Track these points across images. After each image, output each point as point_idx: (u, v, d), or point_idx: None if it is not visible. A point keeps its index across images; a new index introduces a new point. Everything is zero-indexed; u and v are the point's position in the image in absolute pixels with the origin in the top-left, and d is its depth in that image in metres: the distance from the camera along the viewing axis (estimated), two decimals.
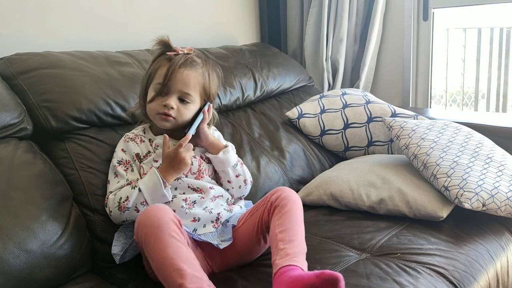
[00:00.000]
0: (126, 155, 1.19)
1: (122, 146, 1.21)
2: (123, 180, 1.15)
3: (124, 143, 1.21)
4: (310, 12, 2.15)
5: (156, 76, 1.19)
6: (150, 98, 1.19)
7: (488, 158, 1.38)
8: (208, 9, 2.01)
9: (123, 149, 1.20)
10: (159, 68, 1.19)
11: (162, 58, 1.20)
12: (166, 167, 1.12)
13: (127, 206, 1.10)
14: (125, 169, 1.17)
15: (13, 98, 1.23)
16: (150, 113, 1.20)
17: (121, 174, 1.16)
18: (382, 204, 1.37)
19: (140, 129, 1.26)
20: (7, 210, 1.04)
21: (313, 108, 1.83)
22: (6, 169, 1.10)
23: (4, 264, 0.98)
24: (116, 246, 1.12)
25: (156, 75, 1.19)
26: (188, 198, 1.16)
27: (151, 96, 1.19)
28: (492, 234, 1.29)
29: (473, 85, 2.73)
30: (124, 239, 1.14)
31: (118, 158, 1.19)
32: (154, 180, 1.10)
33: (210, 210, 1.17)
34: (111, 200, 1.13)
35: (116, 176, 1.17)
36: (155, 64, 1.21)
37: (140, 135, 1.23)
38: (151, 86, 1.20)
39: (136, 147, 1.20)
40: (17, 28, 1.46)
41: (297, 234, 1.05)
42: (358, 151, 1.77)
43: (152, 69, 1.21)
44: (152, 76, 1.20)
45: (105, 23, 1.68)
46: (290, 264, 0.96)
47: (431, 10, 2.08)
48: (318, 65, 2.20)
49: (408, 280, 1.04)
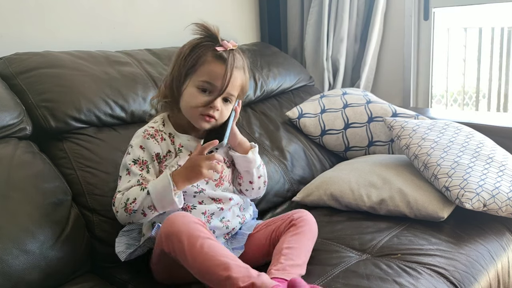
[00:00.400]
0: (144, 154, 1.09)
1: (140, 142, 1.10)
2: (134, 179, 1.06)
3: (143, 139, 1.10)
4: (310, 11, 2.15)
5: (200, 73, 1.07)
6: (192, 96, 1.08)
7: (489, 158, 1.38)
8: (208, 9, 2.00)
9: (142, 146, 1.09)
10: (204, 64, 1.07)
11: (209, 53, 1.07)
12: (180, 171, 1.04)
13: (133, 208, 1.03)
14: (141, 169, 1.08)
15: (13, 98, 1.23)
16: (188, 111, 1.10)
17: (134, 173, 1.07)
18: (383, 205, 1.36)
19: (159, 121, 1.14)
20: (6, 210, 1.04)
21: (314, 108, 1.83)
22: (5, 169, 1.10)
23: (3, 265, 0.98)
24: (120, 245, 1.11)
25: (201, 71, 1.07)
26: (207, 211, 1.11)
27: (192, 93, 1.08)
28: (493, 234, 1.29)
29: (474, 85, 2.72)
30: (127, 239, 1.13)
31: (134, 156, 1.08)
32: (165, 183, 1.01)
33: (227, 222, 1.14)
34: (118, 200, 1.06)
35: (128, 174, 1.08)
36: (198, 56, 1.07)
37: (161, 131, 1.12)
38: (192, 80, 1.08)
39: (156, 146, 1.10)
40: (17, 28, 1.46)
41: (300, 256, 1.07)
42: (359, 151, 1.76)
43: (194, 61, 1.07)
44: (195, 70, 1.07)
45: (105, 23, 1.67)
46: (284, 278, 0.98)
47: (431, 9, 2.08)
48: (318, 65, 2.19)
49: (409, 281, 1.04)
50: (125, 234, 1.15)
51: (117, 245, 1.12)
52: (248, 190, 1.22)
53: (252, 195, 1.24)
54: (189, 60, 1.07)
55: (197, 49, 1.08)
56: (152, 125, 1.13)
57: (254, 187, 1.21)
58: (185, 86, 1.09)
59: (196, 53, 1.07)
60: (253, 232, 1.17)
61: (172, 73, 1.10)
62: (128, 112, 1.38)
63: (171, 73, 1.11)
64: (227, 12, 2.11)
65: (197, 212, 1.10)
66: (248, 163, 1.18)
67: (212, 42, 1.08)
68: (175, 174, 1.03)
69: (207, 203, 1.12)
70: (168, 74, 1.13)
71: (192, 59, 1.07)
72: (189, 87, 1.08)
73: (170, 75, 1.11)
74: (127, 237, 1.14)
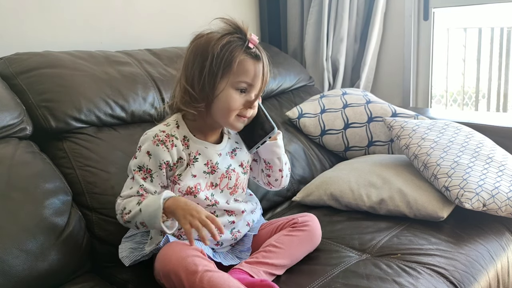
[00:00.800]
0: (150, 162, 1.02)
1: (148, 148, 1.03)
2: (135, 188, 1.02)
3: (152, 145, 1.02)
4: (310, 11, 2.15)
5: (237, 72, 1.01)
6: (231, 98, 1.02)
7: (488, 158, 1.38)
8: (208, 9, 2.00)
9: (149, 152, 1.02)
10: (241, 63, 1.01)
11: (241, 50, 1.01)
12: (176, 205, 0.95)
13: (127, 220, 1.00)
14: (143, 177, 1.02)
15: (13, 98, 1.23)
16: (225, 113, 1.04)
17: (136, 181, 1.02)
18: (383, 205, 1.36)
19: (172, 123, 1.07)
20: (6, 210, 1.04)
21: (314, 108, 1.83)
22: (6, 169, 1.10)
23: (3, 264, 0.98)
24: (123, 250, 1.11)
25: (238, 70, 1.01)
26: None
27: (231, 95, 1.02)
28: (493, 234, 1.29)
29: (473, 85, 2.73)
30: (130, 244, 1.13)
31: (139, 162, 1.03)
32: (156, 208, 0.95)
33: (237, 234, 1.13)
34: (117, 205, 1.04)
35: (132, 179, 1.04)
36: (232, 55, 1.00)
37: (172, 136, 1.04)
38: (229, 81, 1.01)
39: (166, 154, 1.03)
40: (17, 28, 1.46)
41: (281, 258, 1.08)
42: (359, 151, 1.76)
43: (228, 61, 1.00)
44: (231, 70, 1.00)
45: (105, 23, 1.67)
46: (247, 271, 1.01)
47: (431, 9, 2.08)
48: (318, 65, 2.19)
49: (408, 281, 1.04)
50: (128, 240, 1.15)
51: (120, 251, 1.11)
52: (277, 180, 1.19)
53: (282, 184, 1.21)
54: (223, 60, 1.00)
55: (229, 48, 1.00)
56: (164, 129, 1.05)
57: (283, 174, 1.19)
58: (222, 87, 1.02)
59: (229, 52, 1.00)
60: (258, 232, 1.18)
61: (200, 74, 1.02)
62: (128, 112, 1.38)
63: (198, 74, 1.02)
64: (227, 12, 2.10)
65: None
66: (278, 149, 1.14)
67: (242, 38, 1.02)
68: (170, 203, 0.95)
69: (220, 215, 1.10)
70: (189, 76, 1.03)
71: (227, 58, 1.00)
72: (226, 88, 1.02)
73: (197, 76, 1.02)
74: (130, 242, 1.14)
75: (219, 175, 1.10)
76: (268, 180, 1.20)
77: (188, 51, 1.06)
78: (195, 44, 1.05)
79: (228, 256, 1.12)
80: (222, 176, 1.10)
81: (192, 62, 1.03)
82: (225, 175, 1.11)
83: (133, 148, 1.08)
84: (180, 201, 0.96)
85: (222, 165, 1.10)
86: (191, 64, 1.04)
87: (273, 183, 1.20)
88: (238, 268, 1.02)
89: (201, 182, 1.07)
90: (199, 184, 1.07)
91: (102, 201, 1.21)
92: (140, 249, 1.10)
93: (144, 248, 1.09)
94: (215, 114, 1.05)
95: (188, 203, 0.95)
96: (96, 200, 1.21)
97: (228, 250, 1.15)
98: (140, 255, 1.08)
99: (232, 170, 1.12)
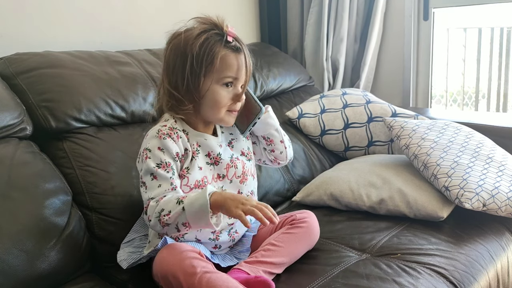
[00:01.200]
0: (165, 155, 1.00)
1: (157, 143, 1.01)
2: (166, 184, 0.99)
3: (160, 140, 1.01)
4: (310, 11, 2.15)
5: (220, 68, 1.01)
6: (218, 94, 1.02)
7: (488, 158, 1.38)
8: (208, 9, 2.00)
9: (160, 147, 1.00)
10: (223, 59, 1.01)
11: (221, 45, 1.01)
12: (221, 198, 0.93)
13: (167, 222, 0.94)
14: (167, 171, 1.00)
15: (13, 98, 1.23)
16: (215, 110, 1.04)
17: (163, 177, 0.99)
18: (383, 204, 1.36)
19: (171, 119, 1.06)
20: (6, 210, 1.04)
21: (313, 108, 1.83)
22: (6, 169, 1.10)
23: (3, 264, 0.98)
24: (121, 254, 1.11)
25: (221, 66, 1.00)
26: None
27: (217, 91, 1.02)
28: (493, 234, 1.29)
29: (473, 85, 2.73)
30: (129, 249, 1.13)
31: (156, 159, 0.99)
32: (202, 203, 0.92)
33: (234, 235, 1.13)
34: (152, 208, 0.96)
35: (154, 178, 0.99)
36: (213, 52, 0.99)
37: (175, 128, 1.04)
38: (214, 79, 1.01)
39: (174, 145, 1.01)
40: (17, 28, 1.46)
41: (280, 256, 1.08)
42: (359, 151, 1.76)
43: (210, 58, 0.99)
44: (214, 67, 1.00)
45: (105, 23, 1.67)
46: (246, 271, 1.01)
47: (431, 9, 2.08)
48: (318, 65, 2.19)
49: (408, 281, 1.04)
50: (127, 245, 1.14)
51: (118, 256, 1.11)
52: (282, 152, 1.19)
53: (288, 155, 1.21)
54: (204, 58, 1.00)
55: (208, 45, 1.00)
56: (165, 123, 1.05)
57: (286, 145, 1.19)
58: (207, 86, 1.02)
59: (208, 49, 1.00)
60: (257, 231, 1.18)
61: (182, 76, 1.01)
62: (128, 112, 1.38)
63: (181, 76, 1.01)
64: (227, 12, 2.11)
65: (205, 231, 1.07)
66: (271, 120, 1.15)
67: (219, 34, 1.02)
68: (216, 197, 0.93)
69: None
70: (172, 79, 1.03)
71: (208, 56, 0.99)
72: (212, 86, 1.02)
73: (180, 78, 1.02)
74: (129, 247, 1.14)
75: (224, 165, 1.09)
76: (274, 155, 1.20)
77: (167, 53, 1.05)
78: (173, 45, 1.04)
79: (227, 257, 1.12)
80: (227, 166, 1.10)
81: (173, 64, 1.03)
82: (231, 165, 1.10)
83: (133, 148, 1.08)
84: (227, 194, 0.95)
85: (225, 155, 1.10)
86: (172, 67, 1.03)
87: (279, 157, 1.20)
88: (237, 268, 1.02)
89: (208, 175, 1.07)
90: (205, 177, 1.06)
91: (102, 201, 1.21)
92: (138, 252, 1.10)
93: (142, 251, 1.09)
94: (205, 113, 1.05)
95: (235, 195, 0.95)
96: (96, 200, 1.21)
97: (227, 252, 1.15)
98: (138, 257, 1.07)
99: (236, 158, 1.12)
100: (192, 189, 1.05)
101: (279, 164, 1.23)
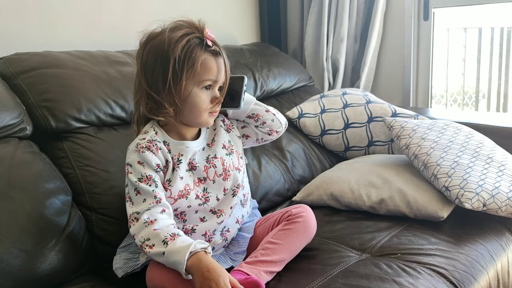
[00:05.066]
0: (145, 169, 1.01)
1: (137, 157, 1.02)
2: (149, 198, 1.00)
3: (139, 154, 1.02)
4: (310, 11, 2.15)
5: (201, 72, 1.01)
6: (199, 97, 1.04)
7: (488, 158, 1.38)
8: (208, 9, 2.01)
9: (140, 161, 1.01)
10: (203, 62, 1.01)
11: (201, 49, 1.02)
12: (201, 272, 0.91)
13: (147, 252, 0.96)
14: (149, 185, 1.01)
15: (13, 98, 1.23)
16: (197, 114, 1.05)
17: (145, 191, 1.00)
18: (383, 204, 1.36)
19: (151, 131, 1.06)
20: (6, 210, 1.04)
21: (314, 108, 1.83)
22: (6, 169, 1.10)
23: (3, 264, 0.98)
24: (117, 261, 1.11)
25: (201, 69, 1.01)
26: (207, 231, 1.10)
27: (198, 94, 1.03)
28: (493, 234, 1.29)
29: (473, 85, 2.73)
30: (125, 255, 1.12)
31: (137, 174, 1.01)
32: (178, 261, 0.91)
33: (226, 234, 1.13)
34: (140, 227, 0.97)
35: (138, 193, 1.00)
36: (194, 56, 1.00)
37: (154, 141, 1.04)
38: (195, 82, 1.02)
39: (154, 157, 1.02)
40: (17, 28, 1.46)
41: (279, 253, 1.07)
42: (359, 151, 1.76)
43: (191, 62, 1.00)
44: (195, 71, 1.01)
45: (105, 23, 1.67)
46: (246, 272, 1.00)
47: (431, 9, 2.08)
48: (318, 65, 2.20)
49: (408, 281, 1.04)
50: (123, 250, 1.14)
51: (114, 262, 1.11)
52: (274, 120, 1.18)
53: (281, 121, 1.20)
54: (186, 62, 1.00)
55: (189, 48, 1.00)
56: (144, 136, 1.05)
57: (273, 112, 1.18)
58: (188, 90, 1.02)
59: (189, 53, 1.00)
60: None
61: (164, 79, 1.00)
62: (128, 112, 1.38)
63: (162, 79, 1.00)
64: (227, 12, 2.11)
65: (197, 235, 1.08)
66: (249, 97, 1.16)
67: (199, 37, 1.03)
68: (192, 264, 0.91)
69: (208, 219, 1.10)
70: (153, 81, 1.02)
71: (189, 60, 1.00)
72: (193, 90, 1.02)
73: (161, 81, 1.01)
74: (126, 252, 1.13)
75: (202, 168, 1.10)
76: (268, 127, 1.18)
77: (144, 54, 1.04)
78: (151, 46, 1.03)
79: (221, 259, 1.11)
80: (205, 168, 1.10)
81: (153, 66, 1.02)
82: (208, 166, 1.10)
83: None
84: (202, 266, 0.91)
85: (201, 158, 1.10)
86: (152, 69, 1.02)
87: (273, 125, 1.19)
88: (237, 270, 1.02)
89: (189, 182, 1.08)
90: (187, 185, 1.07)
91: (102, 201, 1.21)
92: (134, 259, 1.10)
93: (138, 258, 1.09)
94: (186, 116, 1.06)
95: (211, 271, 0.90)
96: (96, 200, 1.21)
97: (221, 253, 1.14)
98: (132, 266, 1.08)
99: (213, 157, 1.11)
100: (176, 200, 1.05)
101: (277, 133, 1.21)
